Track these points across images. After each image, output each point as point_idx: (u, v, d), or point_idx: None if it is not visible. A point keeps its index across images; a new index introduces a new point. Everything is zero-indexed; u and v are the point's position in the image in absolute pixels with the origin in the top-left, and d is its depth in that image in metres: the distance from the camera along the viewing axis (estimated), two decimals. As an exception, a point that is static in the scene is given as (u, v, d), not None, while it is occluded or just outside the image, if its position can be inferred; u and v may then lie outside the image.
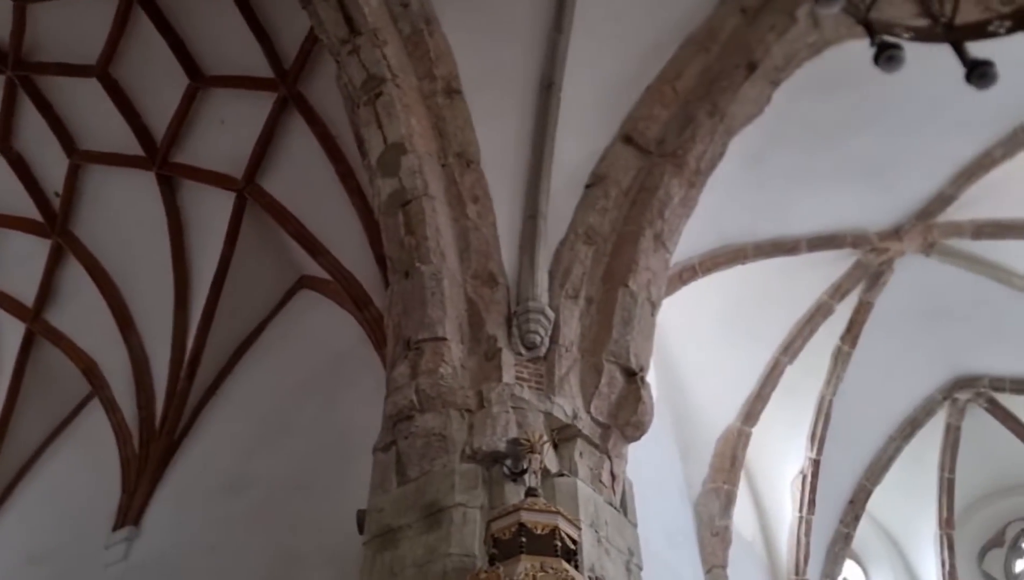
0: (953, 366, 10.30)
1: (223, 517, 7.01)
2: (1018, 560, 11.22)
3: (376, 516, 4.94)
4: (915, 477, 10.71)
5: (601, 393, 5.33)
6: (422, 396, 5.08)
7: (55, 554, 8.13)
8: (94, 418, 9.08)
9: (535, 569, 3.69)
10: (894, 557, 11.18)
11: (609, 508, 5.09)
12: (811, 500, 9.73)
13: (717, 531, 8.31)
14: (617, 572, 4.76)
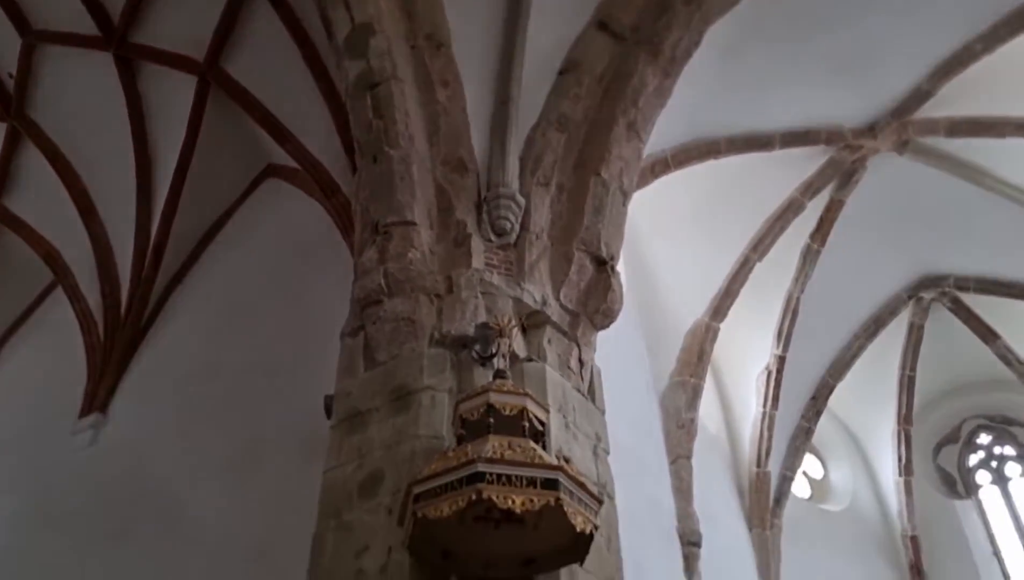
0: (919, 265, 10.41)
1: (190, 404, 7.01)
2: (971, 455, 11.56)
3: (344, 400, 4.94)
4: (877, 375, 10.93)
5: (571, 281, 5.30)
6: (391, 280, 5.03)
7: (22, 441, 8.13)
8: (58, 307, 8.98)
9: (503, 448, 3.70)
10: (852, 452, 11.49)
11: (577, 394, 5.12)
12: (775, 396, 9.92)
13: (683, 423, 8.45)
14: (584, 456, 4.82)
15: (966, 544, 10.89)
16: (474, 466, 3.56)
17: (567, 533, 3.72)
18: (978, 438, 11.62)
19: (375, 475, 4.44)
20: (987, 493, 11.28)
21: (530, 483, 3.57)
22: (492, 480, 3.54)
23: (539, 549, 3.90)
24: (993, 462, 11.41)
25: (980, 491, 11.31)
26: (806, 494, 11.05)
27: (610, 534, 4.62)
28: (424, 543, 3.83)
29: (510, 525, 3.75)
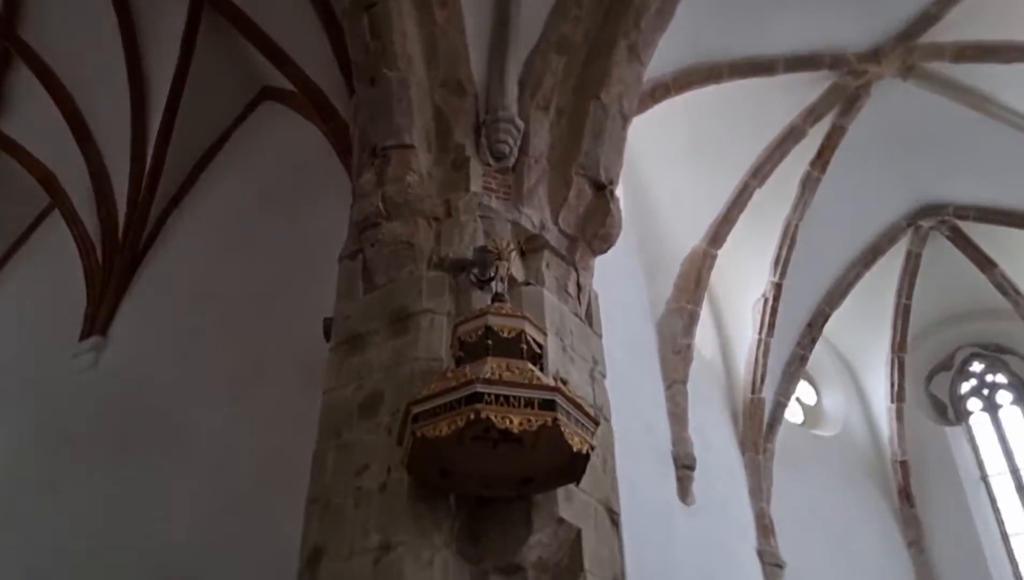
0: (920, 193, 10.38)
1: (190, 327, 7.06)
2: (963, 383, 11.70)
3: (343, 322, 4.97)
4: (872, 303, 10.99)
5: (569, 205, 5.28)
6: (389, 204, 5.01)
7: (23, 363, 8.19)
8: (55, 230, 8.95)
9: (501, 369, 3.74)
10: (846, 378, 11.62)
11: (574, 318, 5.15)
12: (771, 323, 9.98)
13: (679, 349, 8.52)
14: (581, 379, 4.87)
15: (955, 469, 11.09)
16: (472, 387, 3.61)
17: (564, 453, 3.79)
18: (971, 366, 11.75)
19: (374, 396, 4.50)
20: (977, 420, 11.46)
21: (528, 404, 3.62)
22: (490, 401, 3.58)
23: (536, 469, 3.97)
24: (984, 390, 11.56)
25: (970, 418, 11.48)
26: (799, 420, 11.21)
27: (606, 455, 4.70)
28: (423, 462, 3.89)
29: (508, 445, 3.81)
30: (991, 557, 10.45)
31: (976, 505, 10.82)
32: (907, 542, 10.67)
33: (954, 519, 10.69)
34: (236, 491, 5.69)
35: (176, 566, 5.65)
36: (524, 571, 4.02)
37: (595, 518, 4.34)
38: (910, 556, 10.60)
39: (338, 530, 4.17)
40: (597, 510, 4.38)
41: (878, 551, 10.48)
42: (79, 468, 6.82)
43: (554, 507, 4.08)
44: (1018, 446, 11.12)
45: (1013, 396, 11.35)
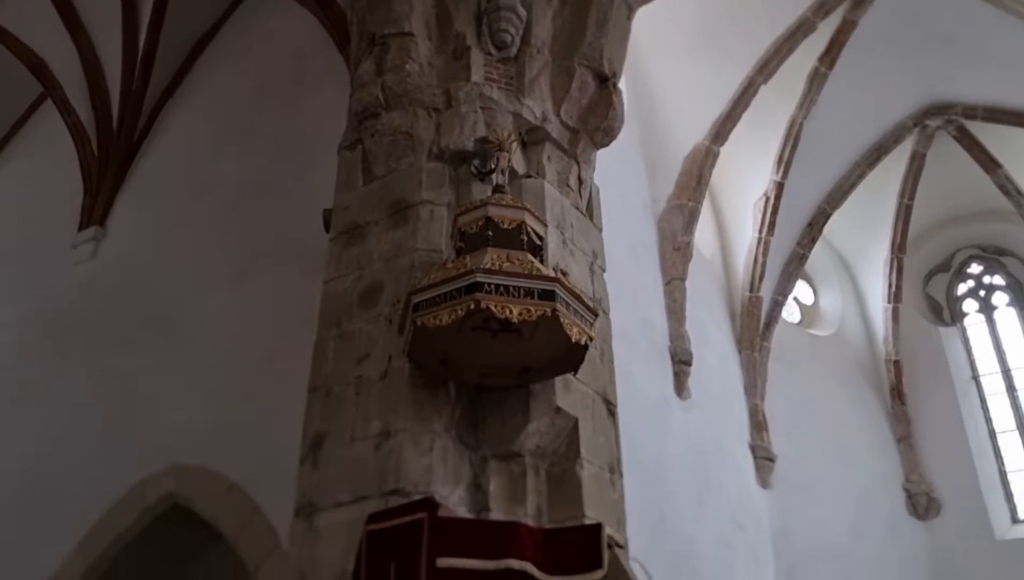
0: (928, 92, 10.20)
1: (189, 218, 7.02)
2: (960, 284, 11.74)
3: (342, 213, 4.95)
4: (874, 203, 10.93)
5: (572, 97, 5.18)
6: (388, 93, 4.91)
7: (22, 254, 8.19)
8: (49, 120, 8.81)
9: (501, 260, 3.74)
10: (844, 279, 11.65)
11: (575, 211, 5.12)
12: (771, 222, 9.96)
13: (679, 246, 8.52)
14: (581, 272, 4.88)
15: (947, 369, 11.23)
16: (473, 276, 3.61)
17: (562, 343, 3.82)
18: (969, 268, 11.77)
19: (374, 286, 4.51)
20: (972, 321, 11.54)
21: (527, 294, 3.63)
22: (490, 290, 3.59)
23: (534, 359, 4.01)
24: (981, 291, 11.61)
25: (965, 319, 11.56)
26: (796, 319, 11.30)
27: (603, 347, 4.75)
28: (423, 351, 3.93)
29: (507, 335, 3.84)
30: (977, 453, 10.68)
31: (966, 403, 10.99)
32: (897, 438, 10.88)
33: (944, 417, 10.88)
34: (238, 380, 5.77)
35: (182, 452, 5.76)
36: (522, 458, 4.10)
37: (592, 408, 4.41)
38: (899, 451, 10.82)
39: (339, 417, 4.24)
40: (594, 400, 4.45)
41: (868, 446, 10.71)
42: (82, 357, 6.89)
43: (552, 396, 4.14)
44: (1011, 347, 11.23)
45: (1009, 298, 11.41)
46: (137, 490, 5.84)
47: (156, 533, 5.85)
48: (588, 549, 3.38)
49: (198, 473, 5.61)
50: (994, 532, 10.31)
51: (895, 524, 10.45)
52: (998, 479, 10.66)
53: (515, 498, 4.02)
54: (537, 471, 4.15)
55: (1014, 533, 10.34)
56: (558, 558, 3.36)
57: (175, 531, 5.86)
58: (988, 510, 10.42)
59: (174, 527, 5.83)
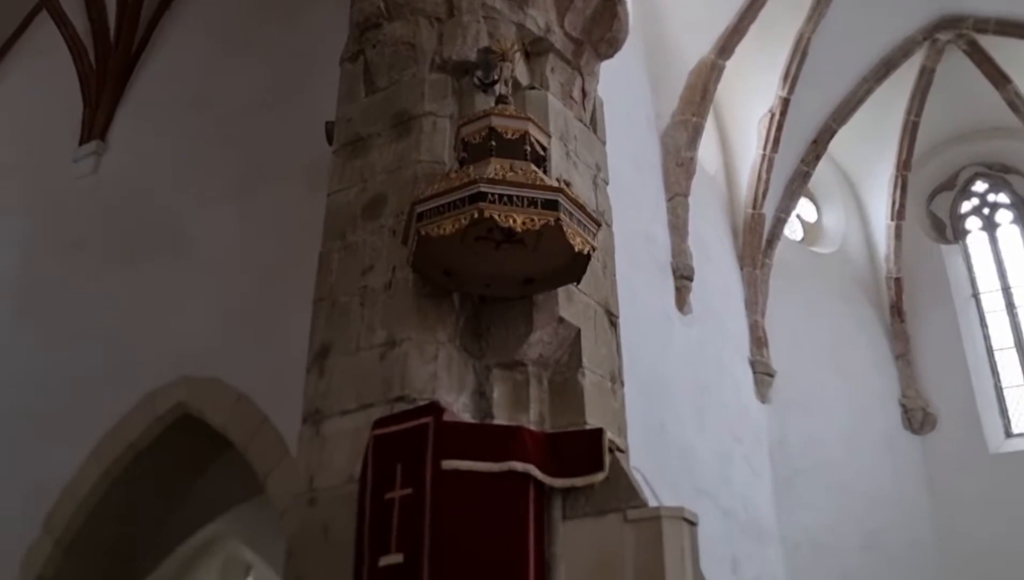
0: (939, 5, 10.01)
1: (190, 132, 6.98)
2: (964, 202, 11.70)
3: (345, 125, 4.93)
4: (880, 120, 10.80)
5: (575, 7, 5.09)
6: (390, 3, 4.84)
7: (22, 169, 8.16)
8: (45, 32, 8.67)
9: (504, 169, 3.74)
10: (847, 196, 11.61)
11: (578, 124, 5.10)
12: (776, 138, 9.87)
13: (682, 162, 8.47)
14: (584, 184, 4.88)
15: (947, 287, 11.27)
16: (476, 186, 3.61)
17: (565, 253, 3.85)
18: (973, 185, 11.70)
19: (378, 198, 4.53)
20: (974, 239, 11.54)
21: (531, 203, 3.64)
22: (494, 200, 3.60)
23: (538, 269, 4.04)
24: (985, 209, 11.58)
25: (968, 237, 11.55)
26: (798, 236, 11.31)
27: (606, 260, 4.78)
28: (427, 261, 3.96)
29: (510, 246, 3.87)
30: (974, 369, 10.81)
31: (965, 321, 11.07)
32: (895, 355, 10.98)
33: (942, 334, 10.96)
34: (245, 292, 5.82)
35: (191, 364, 5.86)
36: (525, 367, 4.18)
37: (594, 319, 4.47)
38: (897, 368, 10.94)
39: (345, 327, 4.31)
40: (596, 311, 4.51)
41: (866, 363, 10.83)
42: (89, 272, 6.93)
43: (555, 307, 4.19)
44: (1012, 265, 11.26)
45: (1013, 216, 11.38)
46: (148, 401, 5.96)
47: (167, 442, 5.99)
48: (590, 452, 3.47)
49: (207, 384, 5.71)
50: (988, 446, 10.50)
51: (891, 438, 10.64)
52: (994, 395, 10.81)
53: (518, 406, 4.10)
54: (540, 380, 4.23)
55: (1007, 447, 10.53)
56: (560, 461, 3.46)
57: (186, 441, 6.01)
58: (982, 425, 10.59)
59: (185, 437, 5.97)
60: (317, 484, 4.13)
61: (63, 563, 6.15)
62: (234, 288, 5.91)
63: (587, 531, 3.42)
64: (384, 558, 3.30)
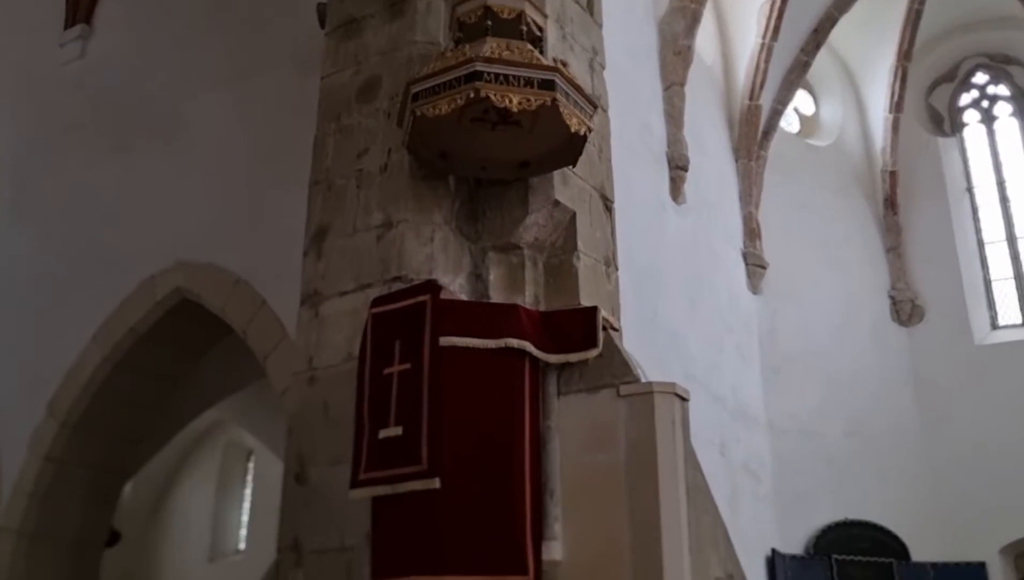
0: None
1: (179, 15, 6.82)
2: (964, 95, 11.59)
3: (337, 7, 4.81)
4: (883, 8, 10.60)
5: None
6: None
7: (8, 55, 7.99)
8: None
9: (501, 48, 3.68)
10: (846, 88, 11.48)
11: (575, 6, 4.99)
12: (776, 27, 9.70)
13: (679, 50, 8.34)
14: (580, 68, 4.81)
15: (942, 180, 11.28)
16: (472, 65, 3.57)
17: (561, 135, 3.83)
18: (974, 77, 11.58)
19: (372, 81, 4.47)
20: (972, 132, 11.49)
21: (527, 83, 3.60)
22: (490, 79, 3.56)
23: (533, 152, 4.03)
24: (984, 102, 11.48)
25: (965, 130, 11.50)
26: (794, 129, 11.23)
27: (602, 145, 4.76)
28: (423, 142, 3.94)
29: (506, 127, 3.84)
30: (964, 262, 10.92)
31: (957, 214, 11.12)
32: (886, 248, 11.07)
33: (934, 227, 11.03)
34: (240, 177, 5.81)
35: (188, 249, 5.89)
36: (520, 250, 4.21)
37: (590, 203, 4.48)
38: (888, 261, 11.05)
39: (341, 210, 4.32)
40: (592, 195, 4.52)
41: (858, 255, 10.93)
42: (80, 157, 6.89)
43: (550, 190, 4.19)
44: (1008, 158, 11.24)
45: (1012, 108, 11.30)
46: (146, 286, 6.01)
47: (167, 327, 6.08)
48: (584, 329, 3.54)
49: (205, 269, 5.76)
50: (974, 338, 10.70)
51: (878, 330, 10.82)
52: (982, 287, 10.95)
53: (513, 287, 4.15)
54: (535, 263, 4.27)
55: (993, 338, 10.73)
56: (556, 338, 3.53)
57: (186, 325, 6.09)
58: (969, 317, 10.76)
59: (184, 321, 6.05)
60: (316, 363, 4.22)
61: (68, 444, 6.32)
62: (229, 173, 5.89)
63: (581, 406, 3.52)
64: (383, 431, 3.40)
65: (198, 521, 11.01)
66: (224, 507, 11.15)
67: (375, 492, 3.38)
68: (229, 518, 11.18)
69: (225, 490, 11.19)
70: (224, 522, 11.13)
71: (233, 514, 11.24)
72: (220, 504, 11.12)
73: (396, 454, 3.34)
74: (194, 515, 11.06)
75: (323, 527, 3.95)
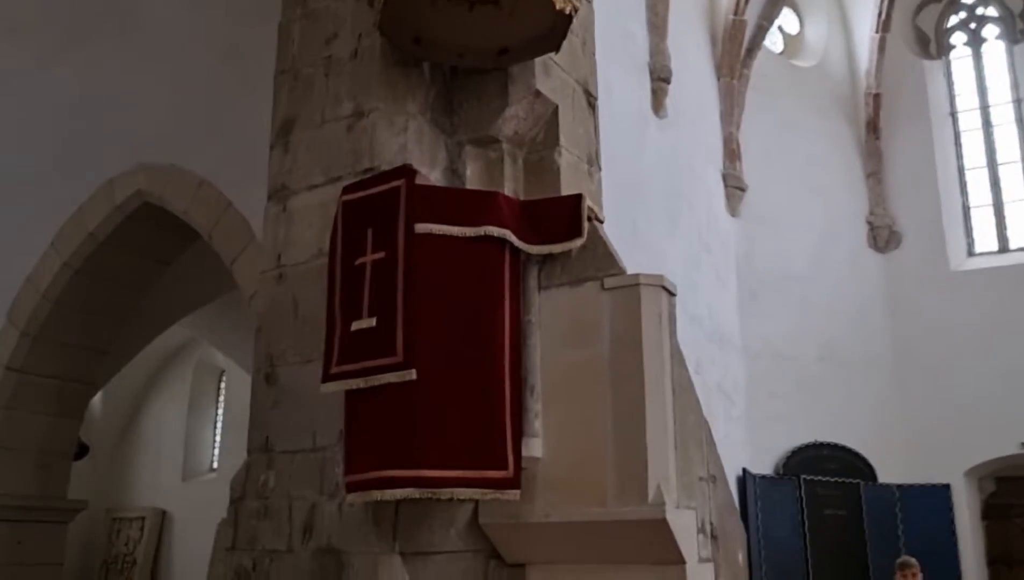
0: None
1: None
2: (952, 16, 11.35)
3: None
4: (872, -76, 10.33)
5: None
6: None
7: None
8: None
9: (479, -81, 3.44)
10: (832, 7, 11.22)
11: None
12: (762, -60, 9.41)
13: (664, -43, 8.05)
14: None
15: (926, 105, 11.12)
16: (450, -66, 3.33)
17: (544, 18, 3.61)
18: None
19: (342, -40, 4.19)
20: (958, 55, 11.30)
21: (509, -45, 3.37)
22: (469, -50, 3.33)
23: (514, 37, 3.79)
24: (972, 23, 11.27)
25: (952, 52, 11.31)
26: (778, 49, 10.99)
27: (585, 37, 4.53)
28: (395, 27, 3.70)
29: (484, 8, 3.61)
30: (944, 188, 10.84)
31: (940, 139, 11.00)
32: (866, 173, 10.97)
33: (916, 152, 10.92)
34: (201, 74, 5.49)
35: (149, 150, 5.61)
36: (499, 144, 4.00)
37: (572, 97, 4.27)
38: (867, 186, 10.95)
39: (309, 100, 4.09)
40: (575, 90, 4.30)
41: (837, 180, 10.81)
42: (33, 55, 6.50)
43: (531, 80, 3.97)
44: (993, 83, 11.08)
45: (1000, 30, 11.10)
46: (105, 189, 5.74)
47: (129, 233, 5.83)
48: (568, 218, 3.37)
49: (167, 170, 5.49)
50: (950, 264, 10.68)
51: (855, 255, 10.77)
52: (960, 214, 10.90)
53: (492, 183, 3.95)
54: (515, 158, 4.07)
55: (969, 265, 10.72)
56: (537, 227, 3.36)
57: (148, 231, 5.84)
58: (946, 243, 10.73)
59: (146, 227, 5.80)
60: (285, 260, 4.03)
61: (30, 353, 6.11)
62: (189, 70, 5.56)
63: (563, 299, 3.37)
64: (356, 323, 3.23)
65: (170, 441, 10.88)
66: (196, 427, 11.02)
67: (347, 385, 3.22)
68: (202, 438, 11.06)
69: (197, 410, 11.04)
70: (196, 442, 11.01)
71: (205, 434, 11.12)
72: (192, 424, 10.99)
73: (369, 346, 3.17)
74: (166, 435, 10.92)
75: (294, 427, 3.81)
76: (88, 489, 9.45)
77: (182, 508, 10.34)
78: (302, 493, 3.71)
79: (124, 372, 10.00)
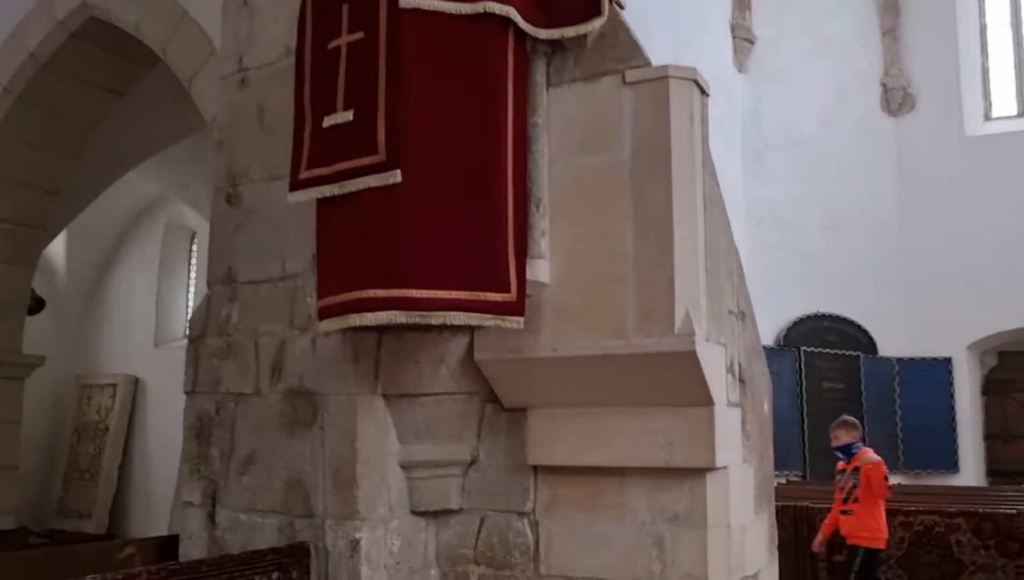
0: None
1: None
2: None
3: None
4: None
5: None
6: None
7: None
8: None
9: None
10: None
11: None
12: None
13: None
14: None
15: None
16: None
17: None
18: None
19: None
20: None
21: None
22: None
23: None
24: None
25: None
26: None
27: None
28: None
29: None
30: (963, 48, 10.18)
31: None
32: (883, 30, 10.26)
33: (935, 7, 10.19)
34: None
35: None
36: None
37: None
38: (883, 44, 10.27)
39: None
40: None
41: (852, 36, 10.13)
42: None
43: None
44: (1024, -67, 10.29)
45: None
46: (45, 2, 5.03)
47: (74, 53, 5.15)
48: (584, -7, 2.75)
49: (114, -22, 4.79)
50: (965, 129, 10.12)
51: (866, 118, 10.19)
52: (979, 76, 10.28)
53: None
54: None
55: (985, 129, 10.16)
56: (547, 7, 2.76)
57: (95, 51, 5.18)
58: (963, 107, 10.15)
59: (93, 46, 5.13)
60: (248, 63, 3.46)
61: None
62: None
63: (576, 98, 2.81)
64: (329, 118, 2.67)
65: (141, 306, 10.37)
66: (168, 291, 10.49)
67: (320, 193, 2.69)
68: (174, 302, 10.56)
69: (168, 274, 10.49)
70: (169, 307, 10.51)
71: (178, 298, 10.61)
72: (164, 288, 10.46)
73: (346, 144, 2.63)
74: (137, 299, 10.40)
75: (261, 254, 3.30)
76: (55, 353, 9.01)
77: (156, 375, 9.91)
78: (270, 328, 3.23)
79: (89, 230, 9.47)
